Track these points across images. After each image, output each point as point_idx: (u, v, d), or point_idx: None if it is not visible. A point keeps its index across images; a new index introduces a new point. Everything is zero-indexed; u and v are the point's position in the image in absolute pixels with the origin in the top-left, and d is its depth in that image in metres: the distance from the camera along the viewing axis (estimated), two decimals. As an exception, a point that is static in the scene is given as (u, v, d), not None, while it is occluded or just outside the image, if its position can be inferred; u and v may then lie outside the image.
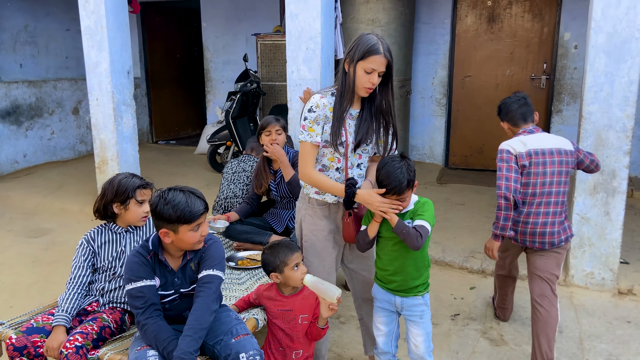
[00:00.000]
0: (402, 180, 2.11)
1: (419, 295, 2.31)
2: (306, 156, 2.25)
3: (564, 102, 6.30)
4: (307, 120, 2.21)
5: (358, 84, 2.17)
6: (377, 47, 2.13)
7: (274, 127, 3.26)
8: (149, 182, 2.39)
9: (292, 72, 4.14)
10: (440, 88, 6.85)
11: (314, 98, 2.21)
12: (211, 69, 8.33)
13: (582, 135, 3.43)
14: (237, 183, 3.59)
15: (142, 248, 2.02)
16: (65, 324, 2.14)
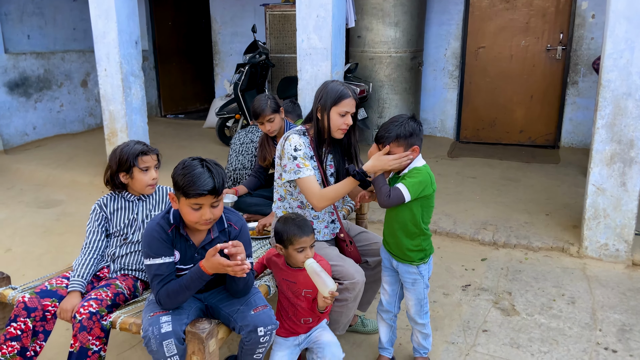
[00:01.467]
0: (390, 130, 2.15)
1: (413, 265, 2.29)
2: (312, 186, 2.32)
3: (580, 74, 6.16)
4: (298, 158, 2.33)
5: (333, 127, 2.35)
6: (346, 92, 2.34)
7: (265, 117, 3.17)
8: (151, 148, 2.32)
9: (302, 41, 4.06)
10: (452, 60, 6.71)
11: (293, 138, 2.35)
12: (219, 41, 8.23)
13: (600, 104, 3.34)
14: (245, 154, 3.55)
15: (162, 219, 1.96)
16: (80, 289, 2.13)
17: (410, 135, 2.15)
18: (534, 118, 6.55)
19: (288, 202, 2.50)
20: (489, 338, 2.81)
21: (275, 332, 1.99)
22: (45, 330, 2.09)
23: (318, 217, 2.51)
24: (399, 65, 6.09)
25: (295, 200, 2.48)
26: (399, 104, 6.24)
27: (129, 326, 1.99)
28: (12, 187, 5.43)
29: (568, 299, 3.18)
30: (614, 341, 2.75)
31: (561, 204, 4.45)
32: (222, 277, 2.04)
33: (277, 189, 2.53)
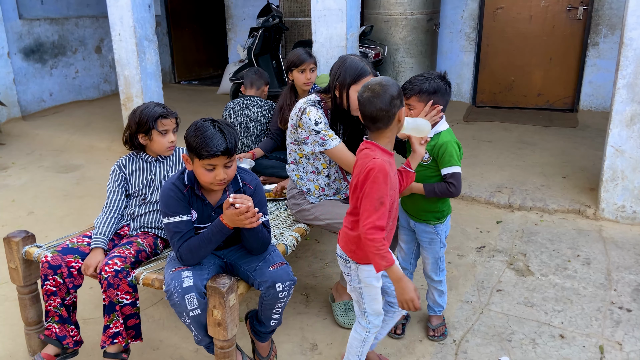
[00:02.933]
0: (415, 83, 2.15)
1: (430, 225, 2.31)
2: (345, 154, 2.34)
3: (602, 35, 5.99)
4: (321, 131, 2.32)
5: (353, 105, 2.28)
6: (366, 69, 2.27)
7: (309, 65, 3.10)
8: (170, 111, 2.33)
9: (316, 2, 4.00)
10: (470, 21, 6.56)
11: (312, 111, 2.32)
12: (232, 5, 8.12)
13: (622, 64, 3.27)
14: (248, 136, 3.46)
15: (178, 180, 1.99)
16: (103, 246, 2.19)
17: (434, 92, 2.11)
18: (552, 81, 6.41)
19: (303, 166, 2.51)
20: (503, 297, 2.84)
21: (293, 287, 2.04)
22: (75, 285, 2.18)
23: (329, 185, 2.53)
24: (414, 27, 5.97)
25: (311, 165, 2.49)
26: (414, 67, 6.14)
27: (151, 282, 2.05)
28: (32, 152, 5.52)
29: (583, 260, 3.19)
30: (628, 300, 2.77)
31: (578, 167, 4.41)
32: (240, 235, 2.09)
33: (290, 153, 2.54)
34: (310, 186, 2.52)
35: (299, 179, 2.54)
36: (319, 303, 2.81)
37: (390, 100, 1.75)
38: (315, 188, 2.52)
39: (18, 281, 2.30)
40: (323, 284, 3.00)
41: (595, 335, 2.50)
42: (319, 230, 3.51)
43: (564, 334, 2.51)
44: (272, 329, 2.20)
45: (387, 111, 1.75)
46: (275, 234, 2.54)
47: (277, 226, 2.65)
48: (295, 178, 2.56)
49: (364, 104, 1.78)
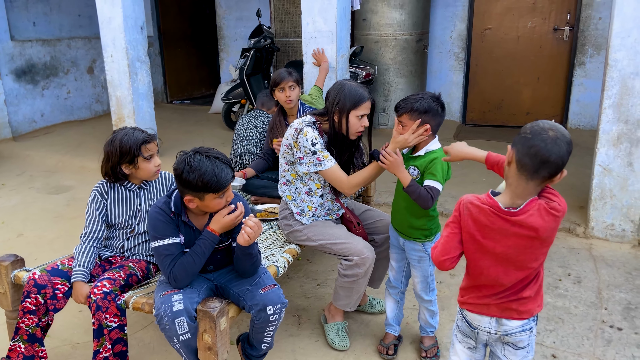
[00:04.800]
0: (407, 101, 2.16)
1: (419, 242, 2.33)
2: (338, 175, 2.38)
3: (588, 55, 6.11)
4: (318, 151, 2.34)
5: (352, 130, 2.36)
6: (365, 94, 2.34)
7: (287, 83, 3.19)
8: (151, 134, 2.26)
9: (307, 24, 4.06)
10: (458, 42, 6.67)
11: (308, 132, 2.34)
12: (224, 26, 8.20)
13: (608, 84, 3.33)
14: (250, 139, 3.57)
15: (164, 204, 1.99)
16: (83, 279, 2.14)
17: (424, 112, 2.14)
18: (540, 100, 6.51)
19: (296, 186, 2.52)
20: (495, 317, 2.84)
21: (284, 310, 2.03)
22: (56, 308, 2.14)
23: (322, 205, 2.55)
24: (404, 47, 6.06)
25: (304, 186, 2.50)
26: (404, 87, 6.22)
27: (141, 305, 2.04)
28: (22, 173, 5.50)
29: (574, 278, 3.20)
30: (619, 319, 2.78)
31: (568, 185, 4.45)
32: (230, 256, 2.09)
33: (283, 173, 2.56)
34: (303, 207, 2.53)
35: (292, 200, 2.55)
36: (311, 325, 2.80)
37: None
38: (308, 209, 2.53)
39: (6, 305, 2.27)
40: (315, 305, 2.98)
41: (586, 355, 2.50)
42: (310, 251, 3.51)
43: (555, 354, 2.51)
44: (264, 352, 2.19)
45: (564, 163, 1.49)
46: (267, 255, 2.54)
47: (268, 247, 2.65)
48: (287, 199, 2.57)
49: (545, 142, 1.46)
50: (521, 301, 1.63)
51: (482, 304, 1.67)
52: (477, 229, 1.58)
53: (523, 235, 1.53)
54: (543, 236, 1.53)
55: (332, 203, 2.58)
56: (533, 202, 1.52)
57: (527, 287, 1.63)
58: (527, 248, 1.55)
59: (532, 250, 1.56)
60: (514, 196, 1.54)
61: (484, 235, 1.57)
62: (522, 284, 1.62)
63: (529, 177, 1.50)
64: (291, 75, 3.21)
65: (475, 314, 1.70)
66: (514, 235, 1.53)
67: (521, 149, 1.50)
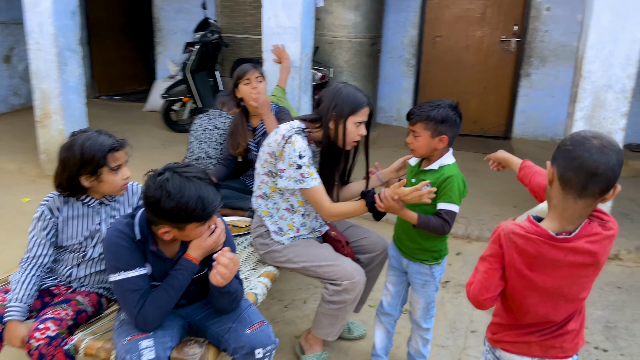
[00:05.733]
0: (423, 109, 1.95)
1: (426, 264, 2.10)
2: (320, 198, 2.08)
3: (533, 66, 6.22)
4: (303, 166, 2.04)
5: (349, 139, 2.09)
6: (364, 99, 2.08)
7: (253, 74, 2.87)
8: (121, 141, 1.84)
9: (268, 19, 3.73)
10: (410, 48, 6.58)
11: (297, 142, 2.03)
12: (162, 17, 7.62)
13: (580, 96, 3.29)
14: (209, 142, 3.18)
15: (126, 227, 1.59)
16: (19, 318, 1.71)
17: (442, 122, 1.92)
18: (487, 109, 6.57)
19: (275, 201, 2.20)
20: (478, 339, 2.67)
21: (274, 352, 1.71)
22: None
23: (305, 225, 2.26)
24: (358, 50, 5.87)
25: (284, 201, 2.19)
26: (357, 91, 6.02)
27: (96, 351, 1.64)
28: None
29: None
30: (602, 339, 2.70)
31: (527, 196, 4.41)
32: (205, 288, 1.73)
33: (260, 184, 2.22)
34: (282, 225, 2.21)
35: (268, 216, 2.22)
36: (284, 355, 2.47)
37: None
38: (288, 227, 2.22)
39: None
40: (286, 331, 2.66)
41: (580, 381, 2.38)
42: (274, 268, 3.18)
43: (550, 381, 2.37)
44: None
45: (616, 176, 1.28)
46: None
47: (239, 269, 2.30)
48: (262, 215, 2.24)
49: (590, 151, 1.26)
50: (566, 336, 1.42)
51: (523, 342, 1.45)
52: (524, 263, 1.35)
53: (579, 263, 1.32)
54: (601, 261, 1.33)
55: (316, 220, 2.28)
56: (588, 226, 1.31)
57: (572, 320, 1.43)
58: (581, 277, 1.35)
59: (586, 279, 1.36)
60: (563, 220, 1.32)
61: (533, 268, 1.35)
62: (568, 317, 1.42)
63: (576, 196, 1.28)
64: (257, 68, 2.90)
65: (514, 355, 1.47)
66: (569, 265, 1.32)
67: (563, 164, 1.29)
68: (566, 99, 6.18)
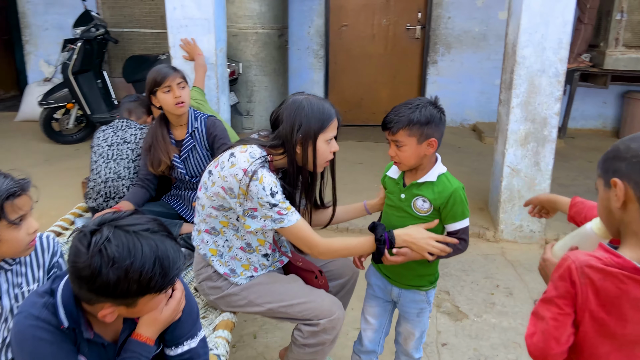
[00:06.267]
0: (401, 113, 1.64)
1: (422, 291, 1.82)
2: (307, 234, 1.69)
3: (439, 53, 6.25)
4: (278, 205, 1.64)
5: (320, 160, 1.73)
6: (331, 109, 1.74)
7: (175, 80, 2.37)
8: (21, 182, 1.29)
9: (174, 9, 3.21)
10: (316, 38, 6.29)
11: (265, 178, 1.62)
12: (29, 12, 6.58)
13: (516, 82, 3.20)
14: (118, 160, 2.62)
15: (44, 311, 1.10)
16: None
17: (427, 123, 1.63)
18: (398, 98, 6.46)
19: (226, 239, 1.77)
20: (452, 353, 2.47)
21: None
22: None
23: (265, 266, 1.86)
24: (266, 43, 5.46)
25: (239, 239, 1.77)
26: (269, 87, 5.62)
27: None
28: None
29: (504, 290, 3.01)
30: (569, 332, 2.62)
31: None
32: None
33: (205, 218, 1.77)
34: (234, 266, 1.79)
35: (217, 256, 1.79)
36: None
37: None
38: (243, 268, 1.80)
39: None
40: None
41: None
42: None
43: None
44: None
45: None
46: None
47: (185, 321, 1.83)
48: (209, 254, 1.79)
49: None
50: None
51: None
52: (600, 304, 1.07)
53: None
54: None
55: (274, 252, 1.89)
56: None
57: None
58: None
59: None
60: None
61: (610, 310, 1.08)
62: None
63: None
64: (177, 71, 2.40)
65: None
66: None
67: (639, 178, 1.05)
68: (472, 84, 6.35)
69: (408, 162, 1.69)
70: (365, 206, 1.99)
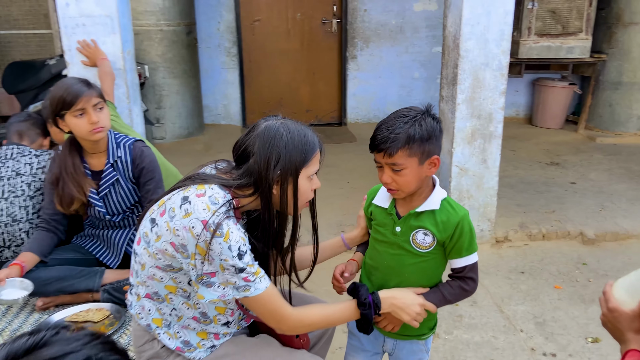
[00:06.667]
0: (397, 129, 1.31)
1: (422, 340, 1.55)
2: (277, 303, 1.31)
3: (358, 47, 6.04)
4: (246, 269, 1.25)
5: (302, 200, 1.38)
6: (314, 137, 1.39)
7: (89, 100, 1.86)
8: None
9: (66, 5, 2.66)
10: (228, 35, 5.82)
11: (232, 233, 1.23)
12: None
13: (460, 77, 3.02)
14: (11, 198, 2.06)
15: None
16: None
17: (428, 139, 1.34)
18: (318, 96, 6.23)
19: (174, 307, 1.35)
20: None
21: None
22: None
23: (225, 335, 1.44)
24: (174, 41, 4.91)
25: (191, 309, 1.35)
26: (180, 90, 5.08)
27: None
28: None
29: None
30: (543, 342, 2.48)
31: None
32: None
33: (144, 279, 1.34)
34: (188, 337, 1.37)
35: (163, 327, 1.36)
36: None
37: None
38: (201, 337, 1.39)
39: None
40: None
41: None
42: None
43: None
44: None
45: None
46: None
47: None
48: (153, 325, 1.37)
49: None
50: None
51: None
52: None
53: None
54: None
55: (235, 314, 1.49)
56: None
57: None
58: None
59: None
60: None
61: None
62: None
63: None
64: (92, 88, 1.88)
65: None
66: None
67: None
68: (392, 78, 6.22)
69: (408, 189, 1.38)
70: (344, 240, 1.66)
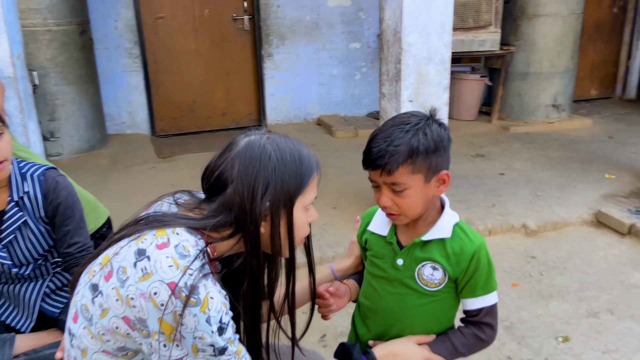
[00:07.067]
0: (396, 141, 1.06)
1: None
2: None
3: (273, 45, 5.72)
4: (227, 349, 0.92)
5: (299, 235, 1.07)
6: (311, 158, 1.08)
7: None
8: None
9: None
10: (127, 34, 5.22)
11: (213, 299, 0.90)
12: None
13: (404, 73, 2.83)
14: None
15: None
16: None
17: (435, 150, 1.08)
18: (234, 97, 5.83)
19: None
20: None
21: None
22: None
23: None
24: (65, 43, 4.27)
25: None
26: (76, 98, 4.44)
27: None
28: None
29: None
30: (517, 348, 2.36)
31: (350, 193, 3.88)
32: None
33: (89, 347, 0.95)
34: None
35: None
36: None
37: None
38: None
39: None
40: None
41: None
42: None
43: None
44: None
45: None
46: None
47: None
48: None
49: None
50: None
51: None
52: None
53: None
54: None
55: None
56: None
57: None
58: None
59: None
60: None
61: None
62: None
63: None
64: None
65: None
66: None
67: None
68: (311, 77, 5.95)
69: (412, 213, 1.12)
70: (334, 272, 1.37)
